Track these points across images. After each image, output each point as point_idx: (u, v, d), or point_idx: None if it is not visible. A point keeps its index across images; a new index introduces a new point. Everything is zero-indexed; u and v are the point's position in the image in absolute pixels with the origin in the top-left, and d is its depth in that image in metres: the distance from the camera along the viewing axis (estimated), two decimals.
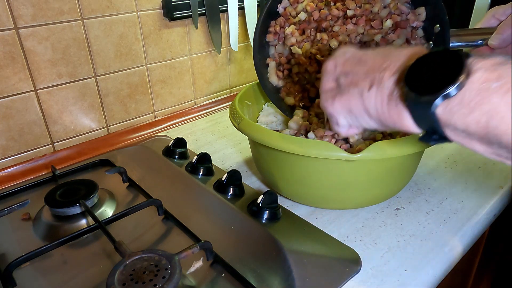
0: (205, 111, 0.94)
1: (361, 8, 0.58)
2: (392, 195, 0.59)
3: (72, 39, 0.69)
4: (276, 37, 0.63)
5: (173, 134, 0.83)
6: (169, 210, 0.57)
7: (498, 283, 0.90)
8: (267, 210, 0.54)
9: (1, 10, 0.61)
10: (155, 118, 0.87)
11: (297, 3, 0.61)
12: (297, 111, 0.61)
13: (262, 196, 0.55)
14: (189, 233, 0.53)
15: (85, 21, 0.70)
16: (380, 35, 0.57)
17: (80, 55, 0.71)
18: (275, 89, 0.64)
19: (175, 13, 0.80)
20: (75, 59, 0.71)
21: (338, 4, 0.59)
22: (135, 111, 0.83)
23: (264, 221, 0.54)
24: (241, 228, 0.55)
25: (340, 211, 0.57)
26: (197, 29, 0.86)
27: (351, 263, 0.48)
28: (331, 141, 0.53)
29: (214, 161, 0.70)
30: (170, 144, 0.73)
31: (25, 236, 0.55)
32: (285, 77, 0.64)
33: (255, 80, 0.65)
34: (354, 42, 0.58)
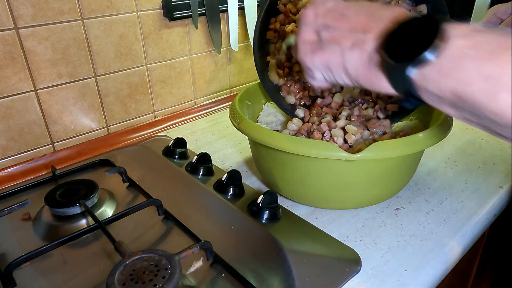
0: (205, 111, 0.94)
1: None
2: (392, 195, 0.59)
3: (72, 39, 0.69)
4: (276, 35, 0.63)
5: (173, 134, 0.83)
6: (169, 210, 0.57)
7: (498, 283, 0.90)
8: (267, 210, 0.54)
9: (1, 10, 0.61)
10: (155, 118, 0.87)
11: (298, 0, 0.61)
12: (298, 111, 0.61)
13: (262, 196, 0.55)
14: (189, 233, 0.53)
15: (85, 21, 0.70)
16: None
17: (80, 55, 0.71)
18: (275, 87, 0.64)
19: (175, 13, 0.80)
20: (75, 59, 0.71)
21: None
22: (135, 111, 0.83)
23: (264, 221, 0.54)
24: (241, 228, 0.55)
25: (340, 211, 0.57)
26: (197, 29, 0.86)
27: (351, 263, 0.48)
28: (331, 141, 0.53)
29: (214, 161, 0.70)
30: (170, 144, 0.73)
31: (25, 236, 0.55)
32: (285, 76, 0.63)
33: (255, 80, 0.65)
34: None
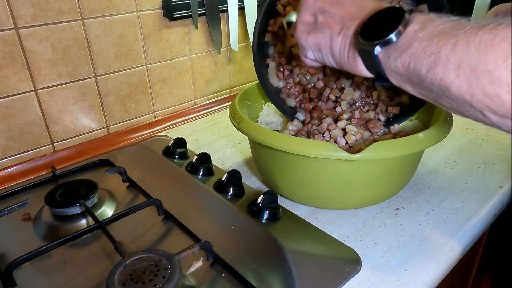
0: (205, 111, 0.94)
1: None
2: (392, 195, 0.59)
3: (72, 39, 0.69)
4: (276, 37, 0.63)
5: (173, 134, 0.83)
6: (169, 210, 0.57)
7: (498, 283, 0.90)
8: (267, 210, 0.54)
9: (1, 10, 0.61)
10: (155, 118, 0.87)
11: (297, 1, 0.61)
12: (298, 114, 0.61)
13: (262, 196, 0.55)
14: (189, 233, 0.53)
15: (85, 21, 0.70)
16: None
17: (80, 55, 0.71)
18: (275, 90, 0.64)
19: (175, 13, 0.80)
20: (75, 59, 0.71)
21: None
22: (135, 111, 0.83)
23: (264, 221, 0.54)
24: (241, 228, 0.55)
25: (340, 211, 0.57)
26: (197, 29, 0.86)
27: (351, 263, 0.48)
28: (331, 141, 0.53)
29: (214, 161, 0.70)
30: (170, 144, 0.73)
31: (25, 236, 0.55)
32: (285, 78, 0.63)
33: (255, 80, 0.65)
34: None
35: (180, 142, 0.73)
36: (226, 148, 0.77)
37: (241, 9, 0.92)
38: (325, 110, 0.59)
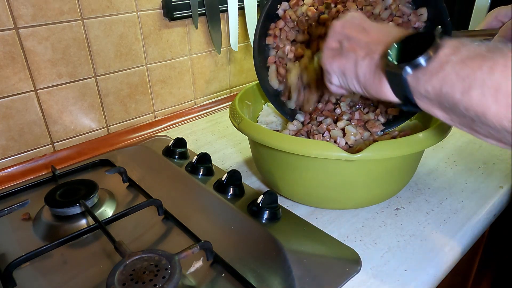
0: (205, 111, 0.94)
1: (362, 10, 0.57)
2: (392, 195, 0.59)
3: (72, 39, 0.69)
4: (276, 40, 0.63)
5: (173, 134, 0.83)
6: (169, 210, 0.57)
7: (498, 283, 0.90)
8: (267, 210, 0.54)
9: (1, 10, 0.61)
10: (155, 118, 0.87)
11: (297, 5, 0.61)
12: (298, 115, 0.61)
13: (262, 196, 0.55)
14: (189, 233, 0.53)
15: (85, 21, 0.70)
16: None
17: (80, 55, 0.71)
18: (275, 92, 0.64)
19: (175, 13, 0.80)
20: (75, 59, 0.71)
21: (339, 6, 0.58)
22: (135, 111, 0.83)
23: (264, 221, 0.54)
24: (241, 228, 0.55)
25: (340, 211, 0.57)
26: (197, 29, 0.86)
27: (351, 263, 0.48)
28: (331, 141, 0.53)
29: (214, 161, 0.70)
30: (170, 144, 0.73)
31: (25, 236, 0.55)
32: (285, 81, 0.63)
33: (255, 80, 0.65)
34: None
35: (180, 142, 0.73)
36: (226, 148, 0.77)
37: (241, 9, 0.92)
38: (324, 111, 0.59)
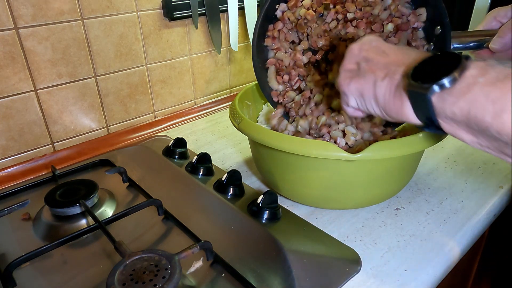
0: (205, 111, 0.94)
1: (361, 11, 0.57)
2: (392, 195, 0.59)
3: (72, 39, 0.69)
4: (275, 42, 0.63)
5: (173, 134, 0.83)
6: (169, 210, 0.57)
7: (498, 283, 0.90)
8: (267, 210, 0.54)
9: (1, 10, 0.61)
10: (155, 118, 0.87)
11: (296, 7, 0.61)
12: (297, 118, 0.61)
13: (262, 196, 0.55)
14: (189, 233, 0.53)
15: (85, 21, 0.70)
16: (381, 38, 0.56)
17: (80, 55, 0.71)
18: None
19: (175, 13, 0.80)
20: (75, 59, 0.71)
21: (338, 7, 0.58)
22: (135, 111, 0.83)
23: (264, 221, 0.54)
24: (241, 228, 0.55)
25: (340, 211, 0.57)
26: (197, 29, 0.86)
27: (351, 263, 0.48)
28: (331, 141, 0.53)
29: (214, 161, 0.70)
30: (170, 144, 0.73)
31: (25, 236, 0.55)
32: (284, 82, 0.63)
33: (255, 80, 0.65)
34: None
35: (180, 142, 0.73)
36: (226, 148, 0.77)
37: (241, 9, 0.92)
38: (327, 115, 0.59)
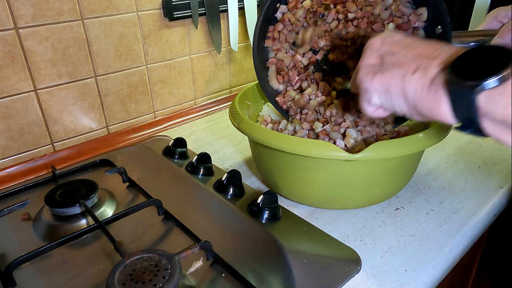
0: (205, 111, 0.94)
1: (362, 11, 0.57)
2: (392, 195, 0.59)
3: (72, 39, 0.69)
4: (275, 43, 0.63)
5: (173, 134, 0.83)
6: (169, 210, 0.57)
7: (498, 283, 0.90)
8: (267, 210, 0.54)
9: (1, 10, 0.61)
10: (155, 118, 0.87)
11: (296, 8, 0.61)
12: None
13: (262, 196, 0.55)
14: (189, 233, 0.53)
15: (85, 21, 0.70)
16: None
17: (80, 55, 0.71)
18: (275, 93, 0.64)
19: (175, 13, 0.80)
20: (75, 59, 0.71)
21: (338, 7, 0.58)
22: (135, 111, 0.83)
23: (264, 221, 0.54)
24: (241, 228, 0.55)
25: (340, 211, 0.57)
26: (197, 29, 0.86)
27: (351, 263, 0.48)
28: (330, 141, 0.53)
29: (214, 161, 0.70)
30: (170, 144, 0.73)
31: (25, 236, 0.55)
32: (285, 82, 0.63)
33: (255, 80, 0.65)
34: (356, 47, 0.58)
35: (180, 142, 0.73)
36: (226, 148, 0.77)
37: (241, 9, 0.92)
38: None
